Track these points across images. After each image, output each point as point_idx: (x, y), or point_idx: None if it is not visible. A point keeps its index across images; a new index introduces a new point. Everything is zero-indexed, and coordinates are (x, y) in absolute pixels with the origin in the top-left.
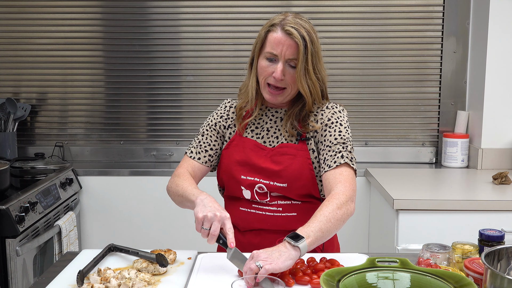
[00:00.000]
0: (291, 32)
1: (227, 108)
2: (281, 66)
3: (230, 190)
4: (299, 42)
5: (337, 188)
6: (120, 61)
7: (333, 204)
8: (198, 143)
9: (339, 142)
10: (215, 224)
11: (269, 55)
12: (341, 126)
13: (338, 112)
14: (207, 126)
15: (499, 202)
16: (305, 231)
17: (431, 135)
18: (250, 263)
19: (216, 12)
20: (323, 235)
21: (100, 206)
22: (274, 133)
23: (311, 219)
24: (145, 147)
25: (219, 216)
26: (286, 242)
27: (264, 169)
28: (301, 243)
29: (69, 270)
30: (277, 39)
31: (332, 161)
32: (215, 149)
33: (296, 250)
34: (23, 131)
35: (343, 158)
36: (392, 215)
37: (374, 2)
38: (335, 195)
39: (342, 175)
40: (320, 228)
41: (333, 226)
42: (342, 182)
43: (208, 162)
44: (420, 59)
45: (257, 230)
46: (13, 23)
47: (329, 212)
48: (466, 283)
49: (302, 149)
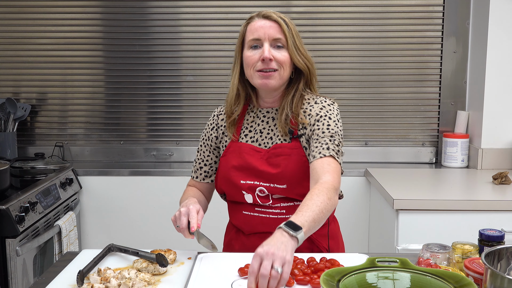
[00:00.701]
0: (270, 15)
1: (215, 117)
2: (267, 46)
3: (232, 196)
4: (280, 22)
5: (325, 176)
6: (120, 61)
7: (324, 194)
8: (196, 161)
9: (327, 135)
10: (182, 218)
11: (253, 42)
12: (329, 119)
13: (328, 105)
14: (202, 141)
15: (499, 202)
16: (300, 220)
17: (431, 135)
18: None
19: (216, 12)
20: (315, 226)
21: (100, 206)
22: (268, 134)
23: (302, 207)
24: (145, 147)
25: (183, 211)
26: (283, 231)
27: (263, 173)
28: (300, 233)
29: (69, 270)
30: (257, 24)
31: (317, 152)
32: (209, 164)
33: (294, 241)
34: (23, 131)
35: (329, 150)
36: (392, 215)
37: (374, 2)
38: (325, 184)
39: (330, 165)
40: (314, 219)
41: (323, 217)
42: (330, 172)
43: (207, 178)
44: (420, 59)
45: (262, 233)
46: (13, 23)
47: (321, 202)
48: (466, 283)
49: (295, 147)
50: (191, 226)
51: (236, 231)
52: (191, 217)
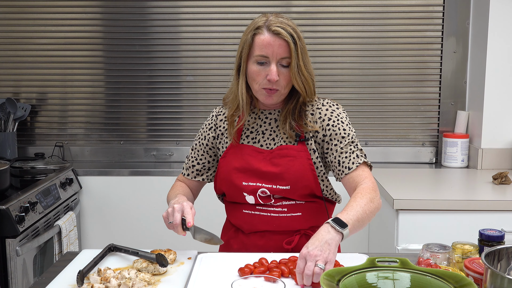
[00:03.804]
0: (279, 32)
1: (214, 117)
2: (274, 67)
3: (232, 197)
4: (289, 40)
5: (365, 183)
6: (120, 61)
7: (366, 196)
8: (189, 159)
9: (348, 142)
10: (176, 215)
11: (260, 58)
12: (343, 124)
13: (336, 109)
14: (197, 139)
15: (499, 202)
16: (345, 218)
17: (431, 135)
18: (309, 265)
19: (216, 12)
20: (359, 225)
21: (100, 206)
22: (270, 135)
23: (347, 208)
24: (145, 147)
25: (177, 207)
26: (330, 226)
27: (265, 173)
28: (345, 230)
29: (69, 270)
30: (265, 40)
31: (351, 162)
32: (202, 163)
33: (339, 236)
34: (23, 131)
35: (359, 157)
36: (392, 215)
37: (374, 2)
38: (366, 189)
39: (364, 171)
40: (358, 218)
41: (367, 218)
42: (368, 178)
43: (198, 177)
44: (420, 59)
45: (262, 232)
46: (13, 23)
47: (364, 203)
48: (466, 283)
49: (302, 150)
50: (187, 222)
51: (235, 230)
52: (186, 213)
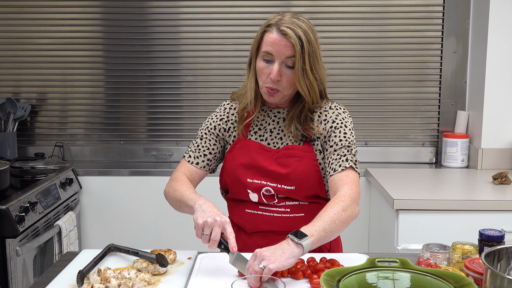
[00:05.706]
0: (286, 32)
1: (226, 110)
2: (277, 67)
3: (235, 193)
4: (295, 42)
5: (343, 189)
6: (120, 61)
7: (338, 205)
8: (197, 147)
9: (344, 145)
10: (216, 230)
11: (265, 55)
12: (345, 128)
13: (343, 113)
14: (206, 129)
15: (499, 202)
16: (309, 229)
17: (431, 135)
18: (254, 264)
19: (216, 12)
20: (326, 235)
21: (100, 206)
22: (278, 134)
23: (315, 219)
24: (145, 147)
25: (219, 221)
26: (289, 239)
27: (271, 172)
28: (305, 241)
29: (69, 270)
30: (272, 39)
31: (337, 165)
32: (213, 153)
33: (299, 248)
34: (23, 131)
35: (348, 161)
36: (392, 215)
37: (374, 2)
38: (341, 196)
39: (348, 177)
40: (324, 228)
41: (337, 228)
42: (348, 184)
43: (207, 167)
44: (420, 59)
45: (264, 232)
46: (13, 23)
47: (334, 213)
48: (466, 283)
49: (308, 151)
50: (231, 247)
51: (237, 230)
52: (228, 233)
